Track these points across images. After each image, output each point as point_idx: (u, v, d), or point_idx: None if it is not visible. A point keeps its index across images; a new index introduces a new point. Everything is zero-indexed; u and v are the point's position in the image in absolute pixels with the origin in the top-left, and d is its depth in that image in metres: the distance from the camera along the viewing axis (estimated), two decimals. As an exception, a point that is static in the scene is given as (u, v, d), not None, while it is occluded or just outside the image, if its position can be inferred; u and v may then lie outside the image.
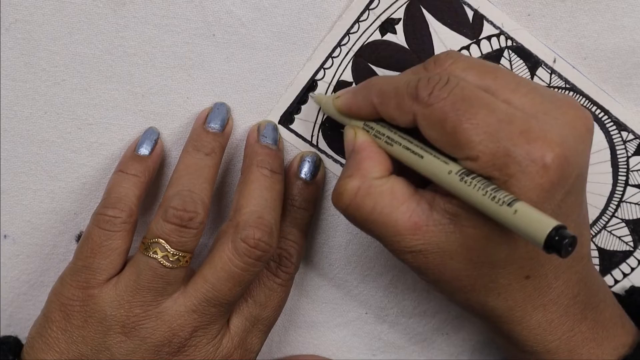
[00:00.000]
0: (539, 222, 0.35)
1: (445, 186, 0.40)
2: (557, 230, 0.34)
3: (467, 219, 0.40)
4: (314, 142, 0.50)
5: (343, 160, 0.51)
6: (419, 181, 0.43)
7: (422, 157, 0.41)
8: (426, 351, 0.55)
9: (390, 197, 0.42)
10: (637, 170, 0.51)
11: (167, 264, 0.44)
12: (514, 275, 0.42)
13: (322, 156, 0.51)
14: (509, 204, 0.37)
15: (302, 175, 0.50)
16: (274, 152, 0.49)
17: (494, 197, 0.37)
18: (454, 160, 0.40)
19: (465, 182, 0.39)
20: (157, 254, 0.44)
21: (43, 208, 0.51)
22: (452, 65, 0.42)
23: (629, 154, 0.50)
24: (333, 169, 0.51)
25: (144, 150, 0.48)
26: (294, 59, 0.49)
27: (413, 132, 0.42)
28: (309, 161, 0.50)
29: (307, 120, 0.50)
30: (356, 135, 0.44)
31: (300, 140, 0.50)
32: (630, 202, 0.51)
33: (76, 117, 0.50)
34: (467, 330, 0.55)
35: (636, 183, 0.51)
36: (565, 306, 0.43)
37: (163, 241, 0.44)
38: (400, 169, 0.44)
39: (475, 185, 0.38)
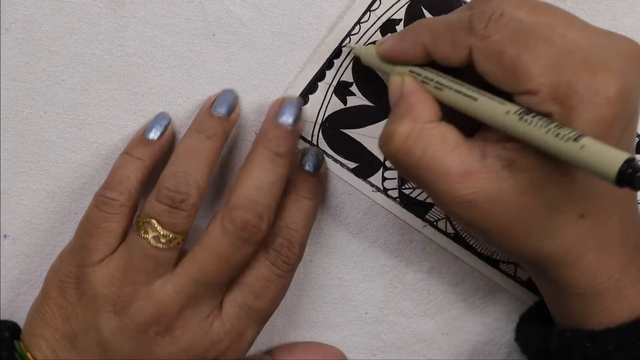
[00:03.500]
0: (609, 156, 0.34)
1: (502, 128, 0.38)
2: (628, 162, 0.33)
3: (522, 163, 0.39)
4: (314, 142, 0.50)
5: (343, 160, 0.51)
6: (465, 133, 0.41)
7: (476, 99, 0.39)
8: (426, 351, 0.55)
9: (442, 143, 0.40)
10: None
11: (157, 244, 0.44)
12: (569, 215, 0.40)
13: (322, 156, 0.51)
14: (575, 140, 0.35)
15: (306, 168, 0.49)
16: (285, 134, 0.47)
17: (558, 134, 0.36)
18: (510, 101, 0.39)
19: (525, 120, 0.37)
20: (148, 234, 0.44)
21: (43, 208, 0.51)
22: (501, 2, 0.40)
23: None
24: (333, 169, 0.51)
25: (153, 135, 0.48)
26: (294, 59, 0.49)
27: (460, 76, 0.41)
28: (312, 154, 0.50)
29: (307, 120, 0.50)
30: (404, 80, 0.43)
31: (300, 140, 0.50)
32: (630, 202, 0.51)
33: (76, 117, 0.49)
34: (467, 330, 0.55)
35: (636, 183, 0.51)
36: (618, 245, 0.42)
37: (155, 221, 0.44)
38: (447, 119, 0.42)
39: (537, 123, 0.37)
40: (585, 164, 0.35)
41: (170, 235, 0.44)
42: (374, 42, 0.47)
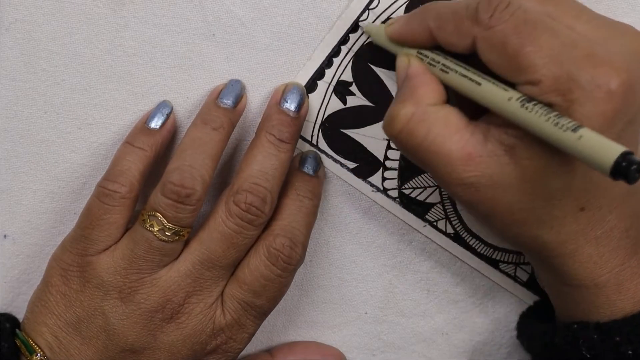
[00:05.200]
0: (606, 148, 0.34)
1: (504, 114, 0.38)
2: (624, 156, 0.33)
3: (523, 150, 0.39)
4: (314, 142, 0.50)
5: (343, 160, 0.51)
6: (471, 116, 0.42)
7: (479, 84, 0.40)
8: (426, 351, 0.55)
9: (444, 125, 0.41)
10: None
11: (163, 237, 0.45)
12: (569, 207, 0.41)
13: (322, 156, 0.51)
14: (574, 130, 0.35)
15: (305, 170, 0.49)
16: (289, 119, 0.48)
17: (557, 123, 0.36)
18: (513, 87, 0.39)
19: (527, 108, 0.37)
20: (153, 227, 0.45)
21: (43, 208, 0.51)
22: None
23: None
24: (333, 169, 0.51)
25: (154, 124, 0.48)
26: (294, 59, 0.49)
27: (468, 60, 0.41)
28: (310, 157, 0.50)
29: (307, 120, 0.50)
30: (410, 62, 0.43)
31: (300, 140, 0.50)
32: (630, 202, 0.51)
33: (76, 117, 0.50)
34: (467, 330, 0.55)
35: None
36: (618, 240, 0.42)
37: (160, 215, 0.45)
38: (453, 102, 0.42)
39: (537, 111, 0.37)
40: (582, 155, 0.35)
41: (176, 229, 0.45)
42: (385, 21, 0.48)
